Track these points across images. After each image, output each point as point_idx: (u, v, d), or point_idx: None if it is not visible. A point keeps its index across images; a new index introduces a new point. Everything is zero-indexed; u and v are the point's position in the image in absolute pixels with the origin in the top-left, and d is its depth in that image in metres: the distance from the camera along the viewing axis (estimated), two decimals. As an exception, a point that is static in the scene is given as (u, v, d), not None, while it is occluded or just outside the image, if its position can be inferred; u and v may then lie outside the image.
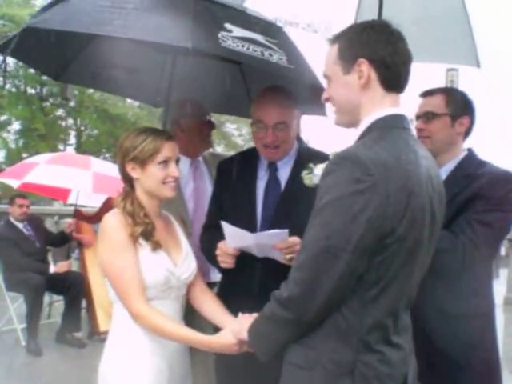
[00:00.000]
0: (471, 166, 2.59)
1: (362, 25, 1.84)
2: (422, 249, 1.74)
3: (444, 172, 2.60)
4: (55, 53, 3.01)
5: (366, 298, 1.66)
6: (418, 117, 2.69)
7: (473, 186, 2.48)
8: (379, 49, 1.74)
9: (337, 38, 1.84)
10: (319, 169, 2.22)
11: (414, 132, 2.66)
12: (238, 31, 2.49)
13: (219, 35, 2.38)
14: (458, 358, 2.47)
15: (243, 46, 2.45)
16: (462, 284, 2.47)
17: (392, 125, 1.75)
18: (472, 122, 2.67)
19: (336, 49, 1.82)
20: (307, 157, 2.57)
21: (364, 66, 1.75)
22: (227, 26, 2.47)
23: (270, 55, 2.54)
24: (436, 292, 2.43)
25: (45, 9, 2.55)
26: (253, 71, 3.44)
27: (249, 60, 2.47)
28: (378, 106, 1.77)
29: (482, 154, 2.69)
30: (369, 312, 1.67)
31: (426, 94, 2.74)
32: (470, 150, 2.69)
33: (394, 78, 1.78)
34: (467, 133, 2.68)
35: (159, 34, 2.33)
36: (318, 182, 1.74)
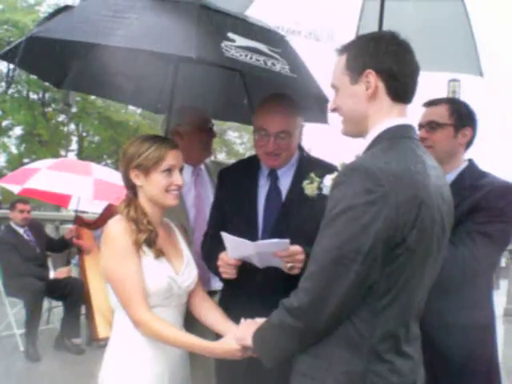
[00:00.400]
0: (472, 176, 2.59)
1: (371, 36, 1.87)
2: (431, 258, 1.74)
3: None
4: (57, 60, 3.01)
5: (377, 307, 1.67)
6: (420, 126, 2.68)
7: (473, 197, 2.47)
8: (387, 60, 1.76)
9: (345, 49, 1.86)
10: (328, 179, 2.23)
11: None
12: (241, 40, 2.50)
13: (222, 45, 2.39)
14: (459, 369, 2.47)
15: (246, 55, 2.46)
16: (463, 295, 2.47)
17: (400, 135, 1.76)
18: (474, 134, 2.67)
19: (344, 59, 1.84)
20: (308, 166, 2.57)
21: (371, 77, 1.76)
22: (230, 35, 2.48)
23: (273, 64, 2.55)
24: (436, 304, 2.42)
25: (48, 18, 2.55)
26: (254, 78, 3.45)
27: (252, 70, 2.48)
28: (386, 116, 1.78)
29: (484, 165, 2.69)
30: (379, 322, 1.67)
31: (430, 104, 2.73)
32: (470, 160, 2.68)
33: (401, 89, 1.80)
34: (469, 144, 2.68)
35: (162, 43, 2.34)
36: (328, 193, 1.74)
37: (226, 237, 2.35)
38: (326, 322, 1.66)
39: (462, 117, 2.64)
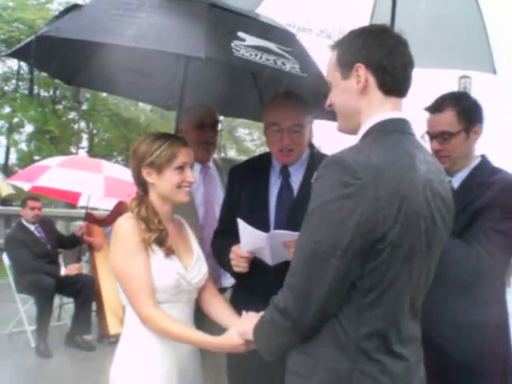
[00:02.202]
0: (484, 173, 2.56)
1: (360, 30, 1.85)
2: (420, 255, 1.70)
3: (457, 180, 2.57)
4: (67, 57, 3.02)
5: (362, 305, 1.64)
6: (431, 136, 2.62)
7: (486, 193, 2.45)
8: (376, 53, 1.74)
9: (337, 45, 1.86)
10: None
11: (428, 147, 2.63)
12: (251, 40, 2.49)
13: (232, 44, 2.38)
14: (472, 368, 2.44)
15: (256, 55, 2.45)
16: (476, 293, 2.44)
17: (390, 129, 1.73)
18: (482, 126, 2.63)
19: (335, 55, 1.84)
20: (319, 162, 2.56)
21: (361, 71, 1.75)
22: (240, 34, 2.47)
23: (283, 64, 2.54)
24: (449, 302, 2.42)
25: (58, 17, 2.56)
26: (265, 76, 3.45)
27: (262, 69, 2.47)
28: (378, 110, 1.76)
29: (496, 162, 2.67)
30: (366, 319, 1.64)
31: (435, 111, 2.64)
32: (483, 156, 2.65)
33: (392, 83, 1.77)
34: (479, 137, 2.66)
35: (172, 43, 2.34)
36: None
37: (242, 224, 2.37)
38: (312, 318, 1.64)
39: (470, 117, 2.58)
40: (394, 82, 1.77)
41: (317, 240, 1.60)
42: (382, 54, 1.74)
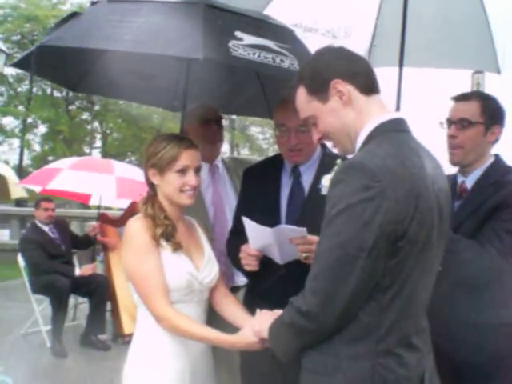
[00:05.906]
0: (498, 172, 2.56)
1: (316, 54, 1.94)
2: (432, 249, 1.75)
3: (471, 180, 2.58)
4: (71, 65, 3.04)
5: (383, 302, 1.67)
6: (450, 121, 2.64)
7: (499, 193, 2.45)
8: (342, 64, 1.82)
9: (299, 79, 1.90)
10: (326, 180, 2.22)
11: (445, 137, 2.65)
12: (249, 39, 2.50)
13: (230, 44, 2.40)
14: (486, 368, 2.45)
15: (254, 53, 2.46)
16: (489, 294, 2.45)
17: (392, 129, 1.78)
18: (501, 131, 2.65)
19: (303, 89, 1.87)
20: (331, 162, 2.57)
21: (339, 85, 1.79)
22: (237, 34, 2.48)
23: (282, 61, 2.55)
24: (463, 302, 2.42)
25: (58, 25, 2.58)
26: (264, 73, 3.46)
27: (260, 68, 2.49)
28: (368, 113, 1.80)
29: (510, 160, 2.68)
30: (386, 315, 1.68)
31: (461, 99, 2.68)
32: (497, 155, 2.65)
33: (369, 82, 1.84)
34: (496, 140, 2.66)
35: (170, 46, 2.35)
36: (327, 193, 1.75)
37: (247, 221, 2.37)
38: (336, 320, 1.67)
39: (492, 115, 2.60)
40: (369, 81, 1.85)
41: (341, 243, 1.63)
42: (347, 63, 1.83)
